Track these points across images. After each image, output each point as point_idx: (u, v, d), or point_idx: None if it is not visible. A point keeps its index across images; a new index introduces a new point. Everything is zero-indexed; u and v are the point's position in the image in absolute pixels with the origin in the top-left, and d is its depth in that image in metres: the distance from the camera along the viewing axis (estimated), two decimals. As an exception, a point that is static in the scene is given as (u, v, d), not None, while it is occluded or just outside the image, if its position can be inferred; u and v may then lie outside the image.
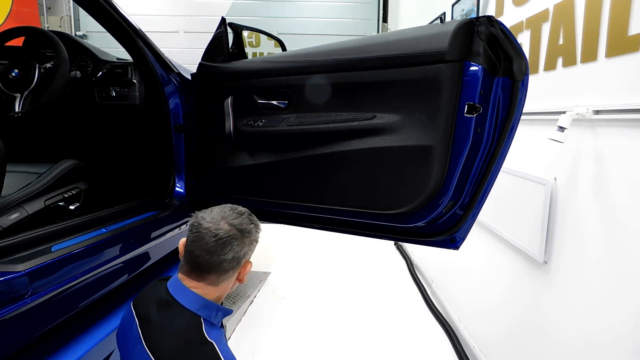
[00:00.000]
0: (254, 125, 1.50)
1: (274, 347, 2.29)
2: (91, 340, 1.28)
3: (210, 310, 0.94)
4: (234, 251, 0.93)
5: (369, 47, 1.27)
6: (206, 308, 0.93)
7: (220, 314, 0.97)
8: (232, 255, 0.93)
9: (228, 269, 0.94)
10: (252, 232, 0.98)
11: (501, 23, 1.08)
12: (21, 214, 1.31)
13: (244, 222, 0.97)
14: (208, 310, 0.93)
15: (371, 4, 5.28)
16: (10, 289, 0.99)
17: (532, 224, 1.62)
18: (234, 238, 0.93)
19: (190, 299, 0.93)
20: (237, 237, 0.94)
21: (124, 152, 2.01)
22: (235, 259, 0.94)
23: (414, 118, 1.16)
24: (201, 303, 0.93)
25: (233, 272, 0.96)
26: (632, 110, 1.15)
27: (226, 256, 0.92)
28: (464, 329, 2.26)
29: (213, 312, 0.94)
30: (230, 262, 0.93)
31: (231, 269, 0.95)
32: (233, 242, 0.93)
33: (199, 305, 0.92)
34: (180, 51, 4.31)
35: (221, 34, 1.66)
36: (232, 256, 0.93)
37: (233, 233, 0.93)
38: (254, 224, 0.99)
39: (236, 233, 0.94)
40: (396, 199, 1.21)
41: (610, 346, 1.23)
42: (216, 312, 0.95)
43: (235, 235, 0.94)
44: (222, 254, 0.92)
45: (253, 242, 0.99)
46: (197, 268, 0.94)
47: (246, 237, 0.96)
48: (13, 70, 1.73)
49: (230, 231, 0.93)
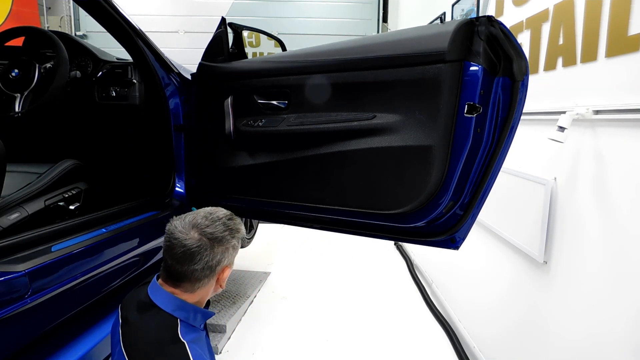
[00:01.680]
0: (254, 125, 1.50)
1: (274, 347, 2.29)
2: (91, 340, 1.28)
3: (188, 312, 0.93)
4: (203, 261, 0.91)
5: (369, 47, 1.27)
6: (183, 309, 0.93)
7: (199, 316, 0.96)
8: (202, 265, 0.92)
9: (201, 277, 0.93)
10: (225, 239, 0.95)
11: (501, 23, 1.08)
12: (21, 214, 1.31)
13: (217, 230, 0.94)
14: (185, 311, 0.93)
15: (371, 4, 5.28)
16: (10, 289, 0.99)
17: (532, 224, 1.62)
18: (202, 248, 0.91)
19: (167, 300, 0.93)
20: (206, 246, 0.92)
21: (124, 152, 2.01)
22: (208, 268, 0.93)
23: (414, 118, 1.16)
24: (177, 304, 0.93)
25: (208, 280, 0.95)
26: (632, 110, 1.15)
27: (196, 266, 0.91)
28: (464, 329, 2.26)
29: (190, 313, 0.94)
30: (201, 271, 0.92)
31: (205, 277, 0.94)
32: (202, 252, 0.91)
33: (174, 307, 0.93)
34: (180, 51, 4.30)
35: (221, 34, 1.66)
36: (202, 266, 0.92)
37: (202, 243, 0.92)
38: (229, 230, 0.97)
39: (206, 242, 0.92)
40: (396, 199, 1.21)
41: (610, 346, 1.23)
42: (194, 313, 0.95)
43: (204, 244, 0.92)
44: (191, 264, 0.91)
45: (228, 249, 0.97)
46: (170, 276, 0.94)
47: (218, 246, 0.94)
48: (13, 70, 1.73)
49: (200, 241, 0.92)
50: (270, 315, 2.63)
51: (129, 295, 1.04)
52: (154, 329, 0.91)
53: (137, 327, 0.93)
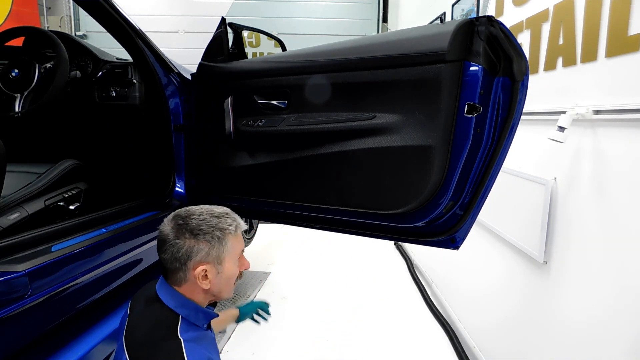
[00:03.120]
0: (254, 125, 1.49)
1: (274, 347, 2.29)
2: (91, 340, 1.28)
3: (189, 310, 0.93)
4: (169, 251, 0.91)
5: (369, 47, 1.27)
6: (184, 307, 0.93)
7: (201, 315, 0.95)
8: (169, 255, 0.92)
9: (172, 268, 0.93)
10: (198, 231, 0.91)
11: (501, 23, 1.08)
12: (21, 214, 1.31)
13: (192, 222, 0.92)
14: (186, 309, 0.93)
15: (371, 4, 5.28)
16: (10, 289, 0.99)
17: (532, 224, 1.62)
18: (168, 237, 0.92)
19: (169, 296, 0.94)
20: (170, 236, 0.92)
21: (124, 152, 2.01)
22: (176, 259, 0.91)
23: (414, 118, 1.16)
24: (179, 301, 0.93)
25: (184, 274, 0.92)
26: (632, 110, 1.15)
27: (163, 255, 0.93)
28: (464, 329, 2.26)
29: (192, 312, 0.94)
30: (170, 262, 0.92)
31: (177, 270, 0.92)
32: (168, 241, 0.92)
33: (176, 303, 0.93)
34: (180, 51, 4.30)
35: (221, 34, 1.66)
36: (169, 256, 0.92)
37: (168, 232, 0.92)
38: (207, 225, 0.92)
39: (171, 232, 0.92)
40: (396, 199, 1.21)
41: (610, 347, 1.23)
42: (195, 312, 0.94)
43: (171, 233, 0.92)
44: (161, 252, 0.93)
45: (199, 242, 0.91)
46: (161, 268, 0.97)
47: (184, 238, 0.91)
48: (13, 70, 1.73)
49: (170, 230, 0.92)
50: (271, 315, 2.63)
51: (140, 290, 1.06)
52: (154, 323, 0.91)
53: (140, 319, 0.94)
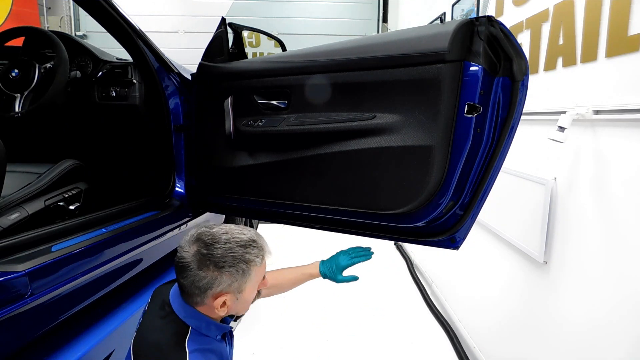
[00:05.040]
0: (254, 125, 1.49)
1: (274, 347, 2.29)
2: (91, 340, 1.28)
3: (200, 322, 0.91)
4: (190, 279, 0.87)
5: (369, 47, 1.27)
6: (195, 318, 0.91)
7: (213, 327, 0.93)
8: (189, 281, 0.87)
9: (191, 294, 0.89)
10: (223, 264, 0.86)
11: (501, 23, 1.08)
12: (21, 214, 1.31)
13: (216, 252, 0.86)
14: (197, 320, 0.91)
15: (371, 4, 5.28)
16: (10, 289, 0.99)
17: (532, 224, 1.62)
18: (190, 265, 0.87)
19: (180, 306, 0.92)
20: (195, 265, 0.86)
21: (124, 152, 2.01)
22: (196, 287, 0.87)
23: (414, 118, 1.16)
24: (188, 312, 0.91)
25: (202, 300, 0.89)
26: (632, 110, 1.15)
27: (183, 281, 0.89)
28: (464, 329, 2.26)
29: (203, 323, 0.92)
30: (190, 287, 0.88)
31: (195, 295, 0.89)
32: (189, 270, 0.87)
33: (186, 314, 0.91)
34: (180, 51, 4.30)
35: (221, 34, 1.66)
36: (189, 282, 0.88)
37: (191, 260, 0.87)
38: (232, 256, 0.87)
39: (193, 261, 0.87)
40: (396, 199, 1.21)
41: (611, 346, 1.23)
42: (207, 324, 0.92)
43: (193, 263, 0.87)
44: (180, 277, 0.89)
45: (223, 275, 0.86)
46: None
47: (206, 270, 0.86)
48: (13, 70, 1.73)
49: (192, 257, 0.87)
50: (270, 315, 2.63)
51: (162, 287, 1.03)
52: (162, 331, 0.90)
53: (150, 324, 0.94)
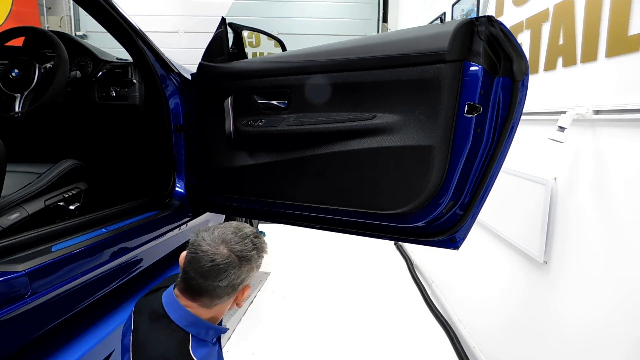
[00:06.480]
0: (254, 125, 1.49)
1: (274, 347, 2.29)
2: (91, 340, 1.28)
3: (200, 328, 0.91)
4: (229, 279, 0.88)
5: (369, 47, 1.27)
6: (196, 325, 0.91)
7: (211, 332, 0.93)
8: (227, 282, 0.88)
9: (222, 294, 0.90)
10: (253, 259, 0.92)
11: (501, 23, 1.08)
12: (21, 214, 1.31)
13: (246, 249, 0.91)
14: (197, 327, 0.91)
15: (371, 4, 5.28)
16: (10, 289, 0.99)
17: (532, 224, 1.62)
18: (230, 265, 0.88)
19: (181, 315, 0.91)
20: (234, 264, 0.89)
21: (124, 152, 2.01)
22: (231, 286, 0.90)
23: (414, 118, 1.16)
24: (191, 320, 0.91)
25: (228, 298, 0.92)
26: (632, 110, 1.15)
27: (221, 283, 0.88)
28: (464, 329, 2.26)
29: (203, 330, 0.92)
30: (224, 288, 0.89)
31: (226, 295, 0.91)
32: (230, 270, 0.88)
33: (187, 322, 0.90)
34: (180, 51, 4.30)
35: (221, 34, 1.66)
36: (227, 283, 0.89)
37: (231, 260, 0.88)
38: (256, 250, 0.94)
39: (234, 260, 0.89)
40: (396, 199, 1.21)
41: (611, 346, 1.23)
42: (207, 330, 0.92)
43: (233, 262, 0.89)
44: (216, 280, 0.88)
45: (253, 268, 0.94)
46: (190, 289, 0.91)
47: (245, 265, 0.91)
48: (13, 70, 1.73)
49: (229, 257, 0.88)
50: (270, 315, 2.63)
51: (143, 299, 1.02)
52: (164, 343, 0.88)
53: (148, 338, 0.91)
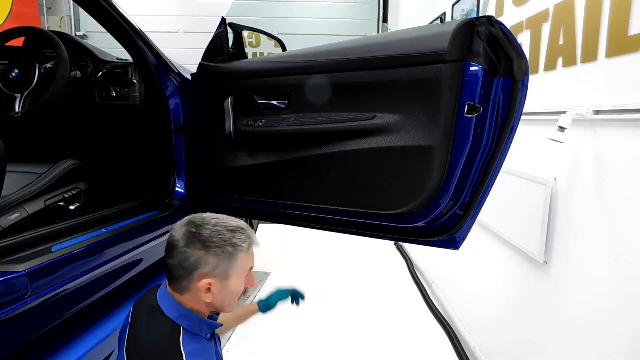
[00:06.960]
0: (254, 125, 1.49)
1: (274, 347, 2.29)
2: (91, 340, 1.28)
3: (191, 321, 0.90)
4: (177, 258, 0.87)
5: (369, 47, 1.27)
6: (186, 317, 0.90)
7: (204, 326, 0.92)
8: (176, 261, 0.88)
9: (177, 275, 0.89)
10: (209, 243, 0.87)
11: (501, 23, 1.08)
12: (21, 214, 1.31)
13: (205, 231, 0.87)
14: (188, 320, 0.90)
15: (371, 4, 5.28)
16: (10, 289, 0.99)
17: (532, 224, 1.62)
18: (179, 242, 0.87)
19: (170, 306, 0.91)
20: (183, 241, 0.87)
21: (124, 152, 2.01)
22: (181, 267, 0.88)
23: (414, 118, 1.16)
24: (180, 311, 0.90)
25: (188, 283, 0.89)
26: (632, 110, 1.15)
27: (171, 261, 0.89)
28: (464, 329, 2.26)
29: (195, 323, 0.90)
30: (176, 268, 0.88)
31: (182, 278, 0.89)
32: (178, 247, 0.87)
33: (177, 314, 0.90)
34: (180, 51, 4.30)
35: (221, 34, 1.66)
36: (176, 262, 0.88)
37: (180, 237, 0.88)
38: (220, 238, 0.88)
39: (184, 238, 0.87)
40: (396, 199, 1.21)
41: (609, 346, 1.23)
42: (199, 323, 0.91)
43: (182, 239, 0.87)
44: (168, 257, 0.89)
45: (209, 254, 0.87)
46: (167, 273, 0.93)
47: (199, 247, 0.87)
48: (13, 70, 1.73)
49: (182, 236, 0.88)
50: (271, 315, 2.63)
51: (143, 295, 1.02)
52: (156, 335, 0.88)
53: (141, 331, 0.91)
